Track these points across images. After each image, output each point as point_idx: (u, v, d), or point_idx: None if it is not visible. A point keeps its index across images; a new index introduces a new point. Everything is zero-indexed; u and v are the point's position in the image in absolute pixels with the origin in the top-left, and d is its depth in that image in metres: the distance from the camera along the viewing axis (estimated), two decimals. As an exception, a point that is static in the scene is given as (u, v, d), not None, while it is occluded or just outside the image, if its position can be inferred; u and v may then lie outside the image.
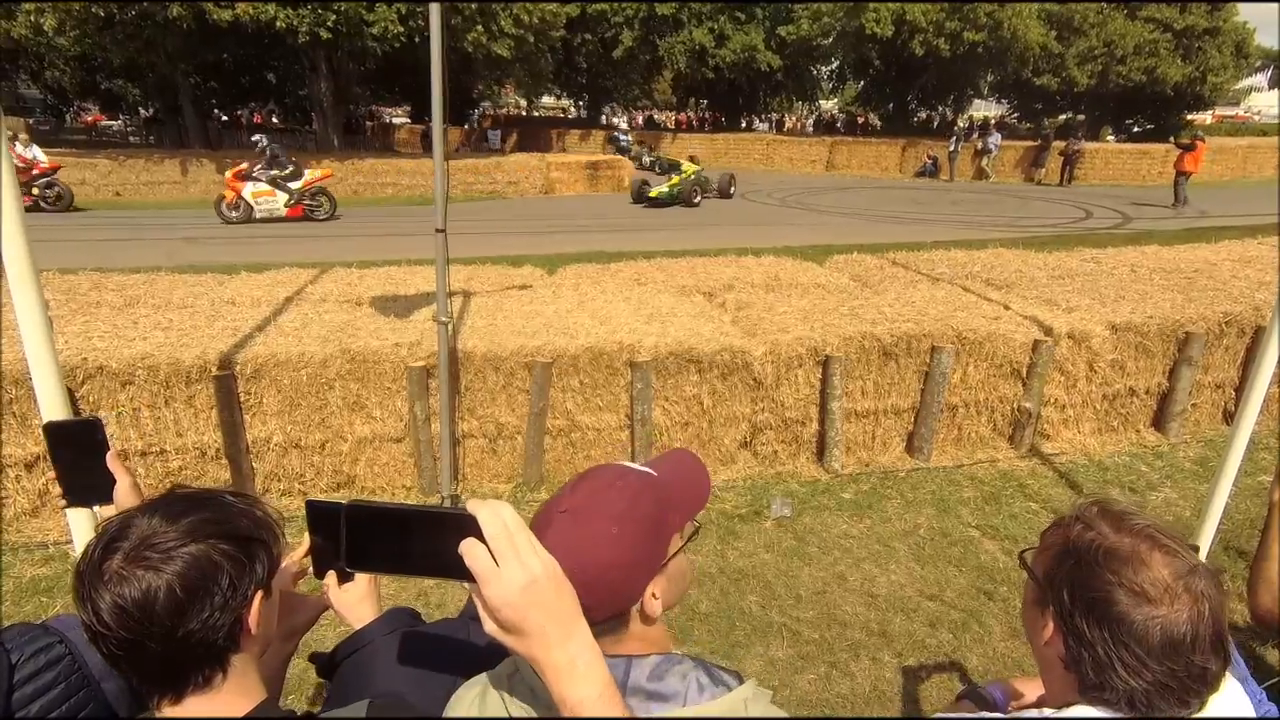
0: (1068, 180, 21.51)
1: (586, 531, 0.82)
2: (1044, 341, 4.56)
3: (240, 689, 0.84)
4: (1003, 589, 3.50)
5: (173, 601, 0.76)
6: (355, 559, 0.75)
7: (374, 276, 5.63)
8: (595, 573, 0.80)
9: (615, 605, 0.83)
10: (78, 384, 3.59)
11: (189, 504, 0.82)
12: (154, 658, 0.78)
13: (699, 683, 0.83)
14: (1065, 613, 0.91)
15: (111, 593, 0.74)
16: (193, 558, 0.78)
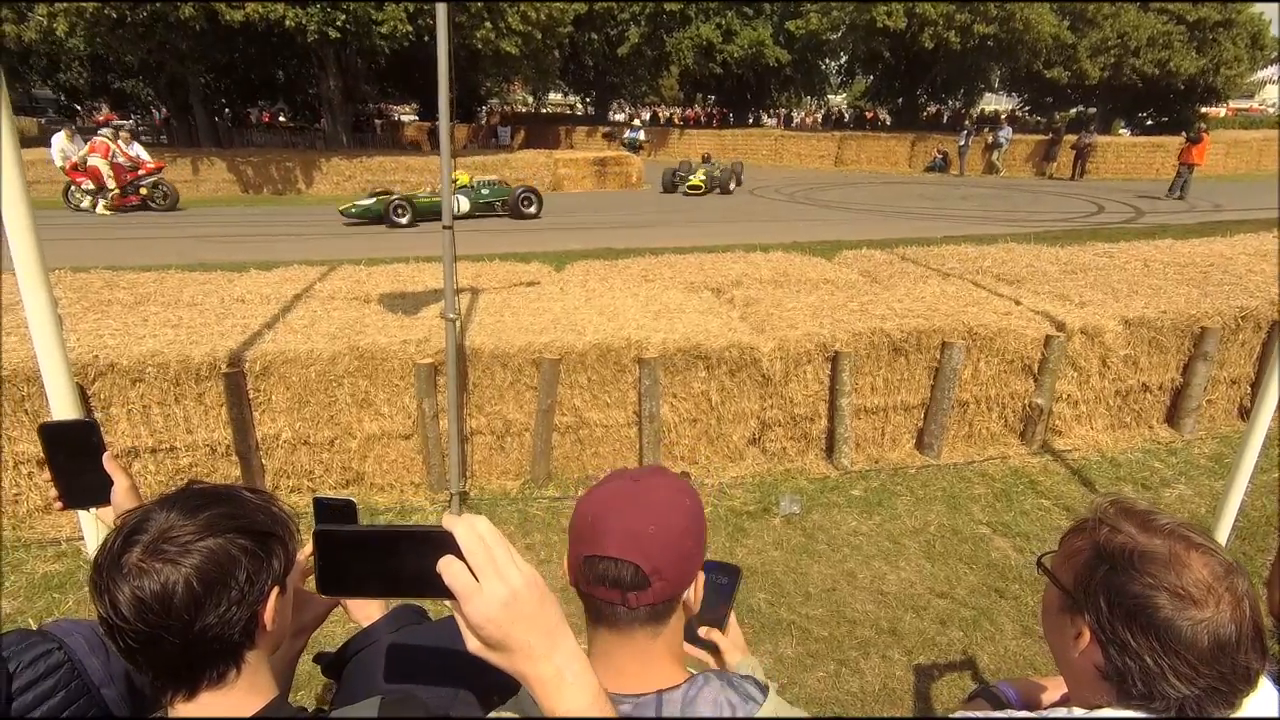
0: (1079, 174, 21.31)
1: (665, 496, 0.87)
2: (1056, 337, 4.52)
3: (253, 686, 0.84)
4: (1014, 587, 3.47)
5: (190, 595, 0.76)
6: (329, 584, 0.73)
7: (382, 274, 5.64)
8: (675, 536, 0.84)
9: (681, 580, 0.86)
10: (89, 381, 3.61)
11: (206, 499, 0.82)
12: (170, 652, 0.78)
13: (729, 703, 0.85)
14: (1104, 622, 0.87)
15: (130, 586, 0.74)
16: (210, 552, 0.77)
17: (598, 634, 0.89)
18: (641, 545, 0.83)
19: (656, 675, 0.87)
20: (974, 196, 17.87)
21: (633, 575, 0.83)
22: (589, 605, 0.89)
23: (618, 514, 0.85)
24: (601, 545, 0.83)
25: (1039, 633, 3.19)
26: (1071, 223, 13.70)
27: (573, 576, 0.89)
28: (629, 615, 0.85)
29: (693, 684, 0.86)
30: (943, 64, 27.69)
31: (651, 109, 45.58)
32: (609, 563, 0.83)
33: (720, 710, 0.84)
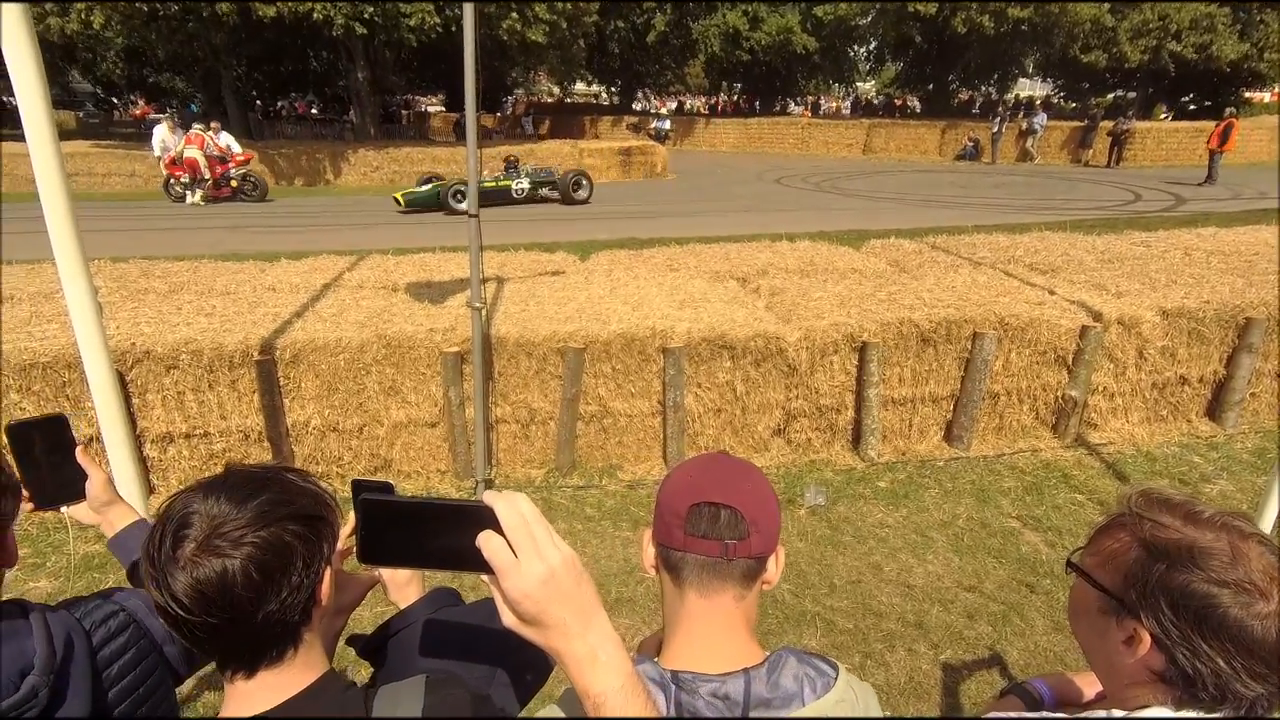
0: (1116, 161, 20.73)
1: (749, 467, 0.94)
2: (1092, 328, 4.41)
3: (307, 662, 0.86)
4: (1045, 582, 3.41)
5: (251, 586, 0.77)
6: (370, 553, 0.74)
7: (409, 263, 5.69)
8: (766, 494, 0.91)
9: (770, 538, 0.91)
10: (126, 368, 3.70)
11: (253, 485, 0.82)
12: (233, 639, 0.80)
13: (808, 678, 0.88)
14: (1169, 626, 0.82)
15: (189, 580, 0.75)
16: (266, 542, 0.78)
17: (683, 605, 0.90)
18: (742, 495, 0.88)
19: (740, 651, 0.89)
20: (1006, 184, 17.49)
21: (736, 522, 0.87)
22: (679, 572, 0.90)
23: (715, 473, 0.91)
24: (708, 493, 0.88)
25: (1070, 629, 3.13)
26: (1108, 211, 13.35)
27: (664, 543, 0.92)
28: (725, 570, 0.88)
29: (773, 661, 0.89)
30: (975, 49, 27.09)
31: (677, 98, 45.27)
32: (715, 508, 0.87)
33: (802, 685, 0.87)
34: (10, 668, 0.85)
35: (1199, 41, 25.59)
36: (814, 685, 0.88)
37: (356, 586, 1.13)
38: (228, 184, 14.25)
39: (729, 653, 0.88)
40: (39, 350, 3.62)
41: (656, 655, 0.94)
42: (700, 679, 0.86)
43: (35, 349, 3.62)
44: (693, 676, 0.86)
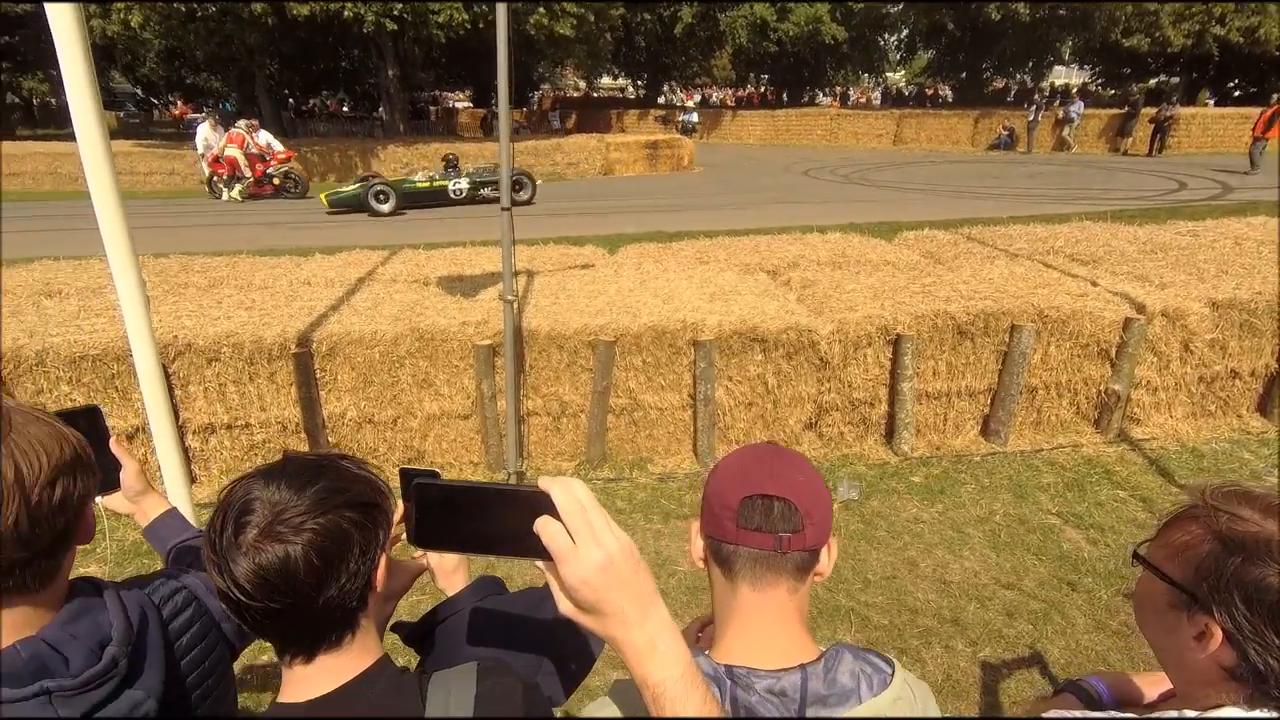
0: (1158, 149, 20.11)
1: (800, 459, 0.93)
2: (1136, 320, 4.29)
3: (364, 647, 0.87)
4: (1087, 580, 3.33)
5: (312, 572, 0.78)
6: (425, 538, 0.74)
7: (440, 257, 5.74)
8: (818, 486, 0.90)
9: (823, 530, 0.89)
10: (169, 360, 3.79)
11: (310, 473, 0.83)
12: (294, 624, 0.81)
13: (865, 674, 0.87)
14: (1242, 621, 0.80)
15: (251, 565, 0.76)
16: (325, 529, 0.79)
17: (735, 598, 0.89)
18: (796, 487, 0.87)
19: (795, 646, 0.88)
20: (1042, 174, 17.09)
21: (790, 514, 0.86)
22: (731, 565, 0.89)
23: (769, 464, 0.89)
24: (760, 485, 0.87)
25: (1113, 627, 3.06)
26: (1150, 200, 12.96)
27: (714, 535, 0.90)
28: (779, 563, 0.87)
29: (830, 657, 0.87)
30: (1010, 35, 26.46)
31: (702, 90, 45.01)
32: (769, 500, 0.86)
33: (859, 682, 0.86)
34: (89, 640, 0.88)
35: (1246, 24, 24.68)
36: (870, 682, 0.87)
37: (405, 573, 1.14)
38: (269, 181, 14.53)
39: (784, 647, 0.87)
40: (88, 343, 3.72)
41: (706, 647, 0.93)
42: (755, 674, 0.84)
43: (85, 342, 3.73)
44: (747, 671, 0.85)
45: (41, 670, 0.82)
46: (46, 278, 5.01)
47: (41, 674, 0.82)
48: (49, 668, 0.83)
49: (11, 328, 3.87)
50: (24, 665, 0.81)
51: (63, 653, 0.85)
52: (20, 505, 0.80)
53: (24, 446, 0.81)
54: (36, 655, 0.83)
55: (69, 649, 0.85)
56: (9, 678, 0.80)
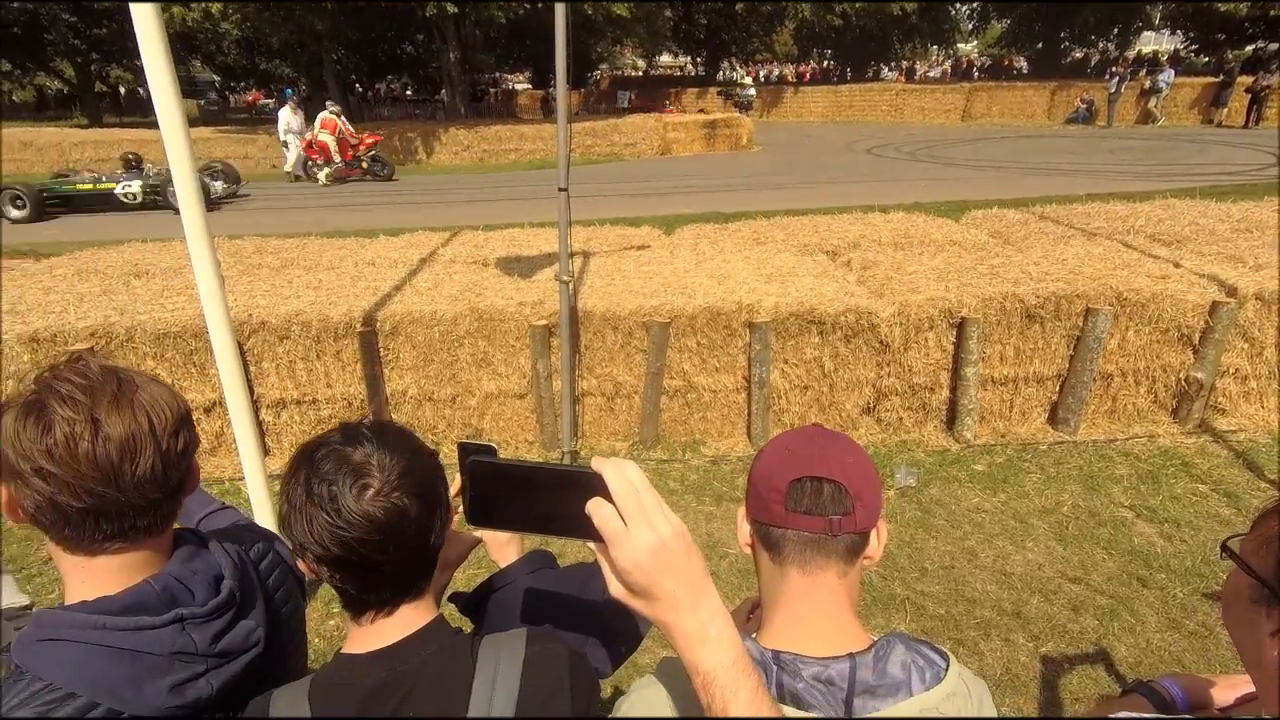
0: (1255, 121, 18.70)
1: (848, 440, 0.91)
2: (1225, 304, 4.02)
3: (421, 607, 0.93)
4: (1160, 576, 3.18)
5: (420, 516, 0.85)
6: (478, 515, 0.76)
7: (499, 238, 5.83)
8: (869, 467, 0.88)
9: (873, 513, 0.87)
10: (244, 337, 3.98)
11: (382, 431, 0.89)
12: (398, 573, 0.88)
13: (917, 667, 0.85)
14: None
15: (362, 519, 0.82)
16: (423, 473, 0.87)
17: (784, 583, 0.88)
18: (845, 469, 0.85)
19: (845, 633, 0.86)
20: (1124, 149, 16.12)
21: (840, 496, 0.85)
22: (779, 549, 0.88)
23: (817, 446, 0.88)
24: (809, 467, 0.86)
25: (1189, 627, 2.92)
26: (1245, 176, 12.09)
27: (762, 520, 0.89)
28: (829, 546, 0.86)
29: (880, 647, 0.86)
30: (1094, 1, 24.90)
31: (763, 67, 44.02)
32: (818, 482, 0.85)
33: (910, 674, 0.84)
34: (207, 575, 0.98)
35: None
36: (923, 675, 0.84)
37: (461, 544, 1.18)
38: (358, 165, 15.04)
39: (833, 634, 0.85)
40: (170, 321, 3.94)
41: (755, 630, 0.92)
42: (802, 661, 0.83)
43: (167, 319, 3.94)
44: (794, 658, 0.83)
45: (173, 601, 0.92)
46: (135, 259, 5.31)
47: (173, 605, 0.92)
48: (178, 599, 0.93)
49: (103, 306, 4.12)
50: (158, 597, 0.91)
51: (188, 586, 0.95)
52: (155, 451, 0.89)
53: (149, 402, 0.90)
54: (168, 589, 0.93)
55: (193, 583, 0.96)
56: (148, 608, 0.89)
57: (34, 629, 0.86)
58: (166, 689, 0.87)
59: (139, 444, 0.87)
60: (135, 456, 0.87)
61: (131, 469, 0.87)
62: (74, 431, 0.84)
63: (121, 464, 0.86)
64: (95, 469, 0.84)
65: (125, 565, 0.92)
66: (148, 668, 0.87)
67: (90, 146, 17.68)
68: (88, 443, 0.84)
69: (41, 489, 0.84)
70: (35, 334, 3.83)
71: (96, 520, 0.87)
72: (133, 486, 0.87)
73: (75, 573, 0.91)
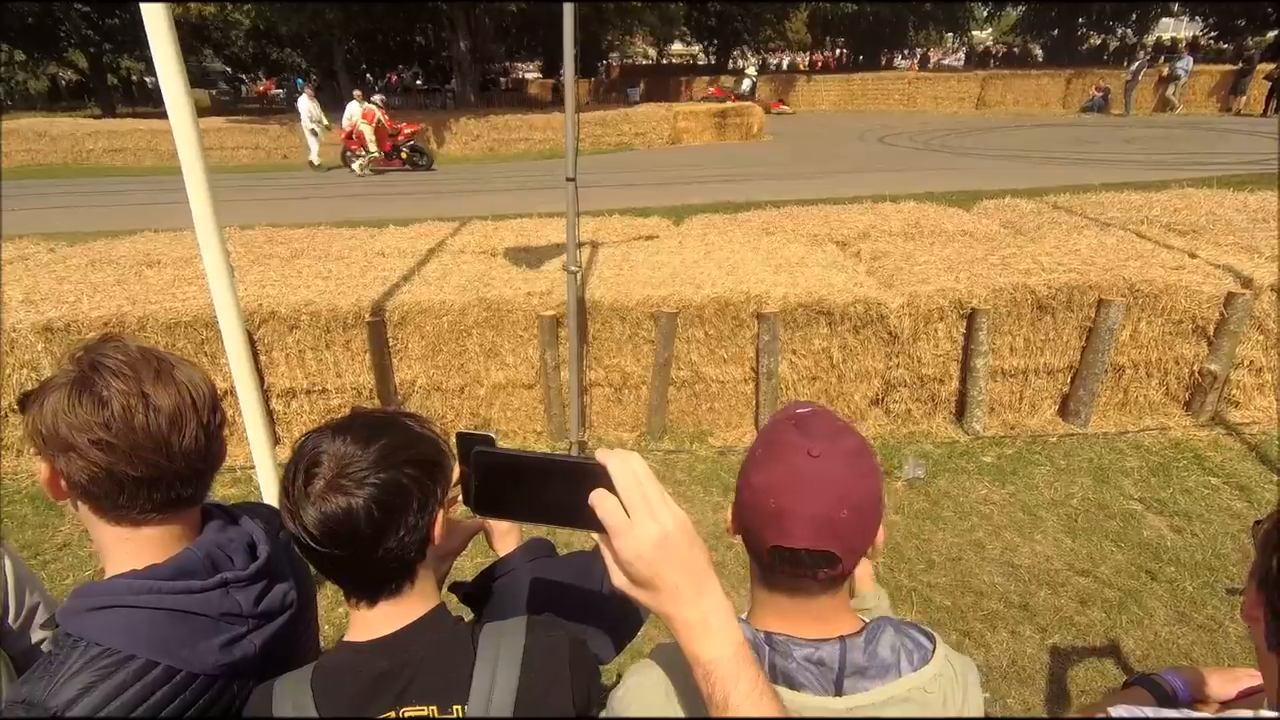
0: (1274, 109, 18.38)
1: (848, 469, 0.81)
2: (1240, 295, 3.97)
3: (421, 595, 0.94)
4: (1169, 569, 3.16)
5: (373, 523, 0.84)
6: (482, 504, 0.76)
7: (507, 228, 5.83)
8: (867, 513, 0.81)
9: (868, 546, 0.84)
10: (255, 327, 4.01)
11: (375, 428, 0.89)
12: (359, 569, 0.89)
13: (905, 649, 0.86)
14: (1271, 589, 0.78)
15: (318, 514, 0.83)
16: (385, 483, 0.84)
17: (773, 595, 0.88)
18: (836, 531, 0.79)
19: (837, 617, 0.87)
20: (1141, 138, 15.89)
21: (829, 560, 0.81)
22: (765, 573, 0.87)
23: (806, 500, 0.79)
24: (793, 536, 0.80)
25: (1197, 620, 2.91)
26: (1263, 165, 11.89)
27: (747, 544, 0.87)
28: (814, 587, 0.84)
29: (871, 630, 0.87)
30: (1112, -13, 24.50)
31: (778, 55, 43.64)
32: (802, 554, 0.81)
33: (899, 659, 0.85)
34: (242, 543, 1.05)
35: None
36: (911, 658, 0.85)
37: (462, 533, 1.19)
38: (397, 155, 15.04)
39: (825, 617, 0.86)
40: (181, 310, 3.97)
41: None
42: (794, 642, 0.84)
43: (179, 309, 3.98)
44: (786, 639, 0.84)
45: (215, 567, 0.98)
46: (147, 249, 5.35)
47: (216, 570, 0.98)
48: (219, 565, 0.99)
49: (116, 295, 4.16)
50: (201, 563, 0.97)
51: (227, 553, 1.01)
52: (198, 424, 0.94)
53: (187, 379, 0.95)
54: (209, 555, 0.98)
55: (230, 550, 1.02)
56: (194, 573, 0.96)
57: (83, 599, 0.90)
58: (218, 647, 0.93)
59: (185, 417, 0.92)
60: (182, 428, 0.92)
61: (179, 440, 0.92)
62: (129, 404, 0.89)
63: (170, 435, 0.91)
64: (150, 438, 0.90)
65: (166, 536, 0.97)
66: (200, 628, 0.92)
67: (104, 137, 17.79)
68: (142, 415, 0.89)
69: (99, 459, 0.88)
70: (49, 323, 3.87)
71: (149, 490, 0.92)
72: (181, 456, 0.93)
73: (120, 545, 0.95)
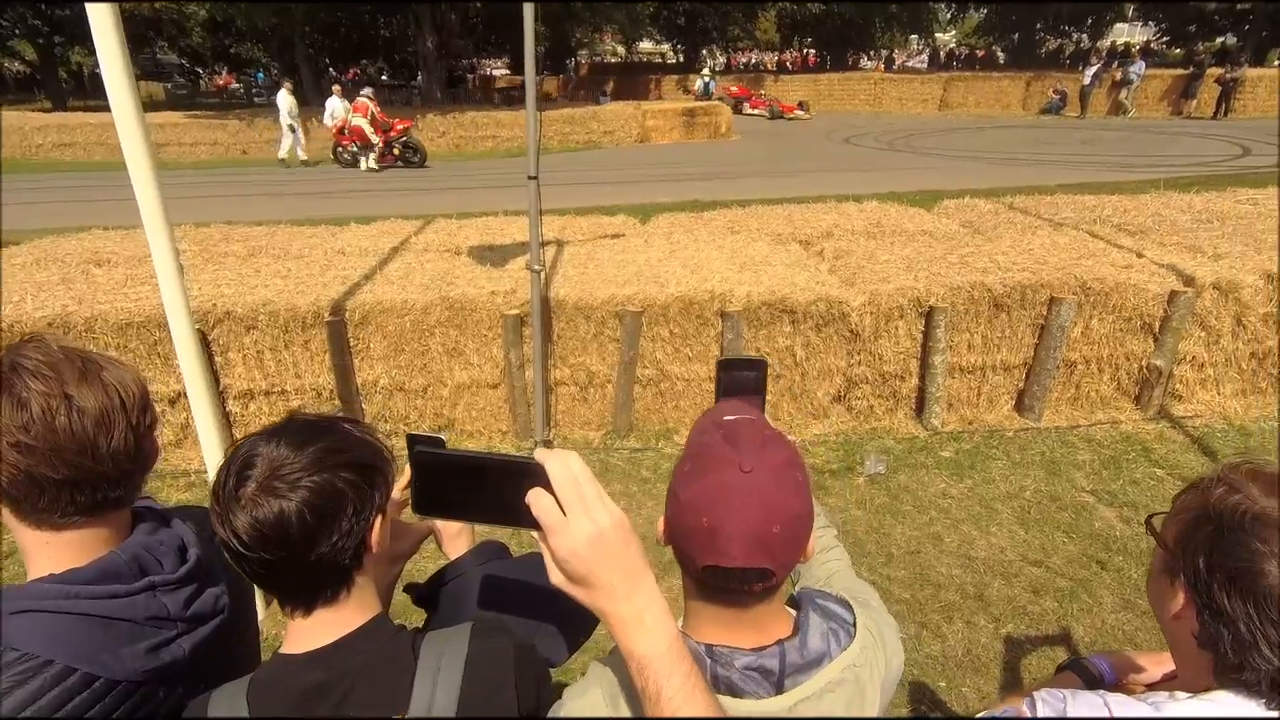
0: (1223, 113, 19.06)
1: (778, 481, 0.77)
2: (1183, 293, 4.11)
3: (361, 603, 0.91)
4: (1118, 559, 3.27)
5: (304, 527, 0.81)
6: (422, 504, 0.76)
7: (472, 227, 5.78)
8: (799, 525, 0.78)
9: (801, 554, 0.81)
10: (209, 327, 3.91)
11: (311, 432, 0.86)
12: (290, 576, 0.86)
13: (833, 632, 0.87)
14: (1201, 584, 0.81)
15: (248, 518, 0.80)
16: (319, 487, 0.82)
17: (709, 606, 0.84)
18: (769, 548, 0.76)
19: (774, 622, 0.86)
20: (1097, 140, 16.34)
21: (762, 576, 0.78)
22: (699, 587, 0.84)
23: (737, 518, 0.75)
24: (726, 556, 0.76)
25: (1142, 606, 3.00)
26: (1211, 167, 12.32)
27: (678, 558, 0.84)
28: (749, 599, 0.82)
29: (802, 625, 0.86)
30: (1068, -9, 25.15)
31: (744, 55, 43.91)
32: (735, 573, 0.77)
33: (828, 644, 0.86)
34: (172, 546, 1.01)
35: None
36: (838, 637, 0.87)
37: (412, 536, 1.18)
38: (390, 151, 14.66)
39: (764, 624, 0.85)
40: (133, 310, 3.86)
41: None
42: (737, 653, 0.82)
43: (130, 309, 3.87)
44: (728, 650, 0.83)
45: (142, 570, 0.95)
46: (96, 246, 5.19)
47: (143, 573, 0.94)
48: (147, 568, 0.95)
49: (61, 295, 4.03)
50: (125, 566, 0.93)
51: (155, 556, 0.98)
52: (126, 425, 0.92)
53: (116, 379, 0.93)
54: (136, 558, 0.95)
55: (159, 553, 0.99)
56: (119, 576, 0.92)
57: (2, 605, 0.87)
58: (143, 652, 0.90)
59: (112, 418, 0.90)
60: (110, 430, 0.90)
61: (107, 441, 0.90)
62: (49, 406, 0.86)
63: (97, 436, 0.89)
64: (73, 440, 0.87)
65: (90, 539, 0.94)
66: (124, 633, 0.89)
67: (54, 131, 17.20)
68: (64, 416, 0.87)
69: (18, 462, 0.86)
70: (-8, 324, 3.74)
71: (73, 492, 0.89)
72: (108, 457, 0.90)
73: (41, 549, 0.92)
